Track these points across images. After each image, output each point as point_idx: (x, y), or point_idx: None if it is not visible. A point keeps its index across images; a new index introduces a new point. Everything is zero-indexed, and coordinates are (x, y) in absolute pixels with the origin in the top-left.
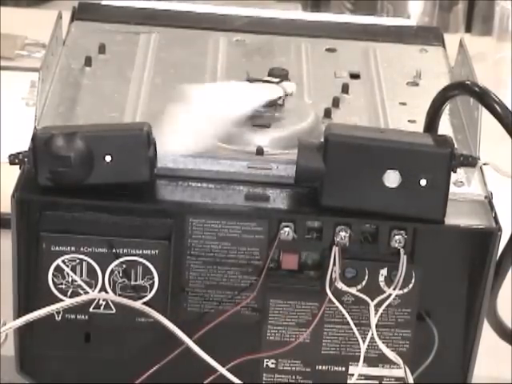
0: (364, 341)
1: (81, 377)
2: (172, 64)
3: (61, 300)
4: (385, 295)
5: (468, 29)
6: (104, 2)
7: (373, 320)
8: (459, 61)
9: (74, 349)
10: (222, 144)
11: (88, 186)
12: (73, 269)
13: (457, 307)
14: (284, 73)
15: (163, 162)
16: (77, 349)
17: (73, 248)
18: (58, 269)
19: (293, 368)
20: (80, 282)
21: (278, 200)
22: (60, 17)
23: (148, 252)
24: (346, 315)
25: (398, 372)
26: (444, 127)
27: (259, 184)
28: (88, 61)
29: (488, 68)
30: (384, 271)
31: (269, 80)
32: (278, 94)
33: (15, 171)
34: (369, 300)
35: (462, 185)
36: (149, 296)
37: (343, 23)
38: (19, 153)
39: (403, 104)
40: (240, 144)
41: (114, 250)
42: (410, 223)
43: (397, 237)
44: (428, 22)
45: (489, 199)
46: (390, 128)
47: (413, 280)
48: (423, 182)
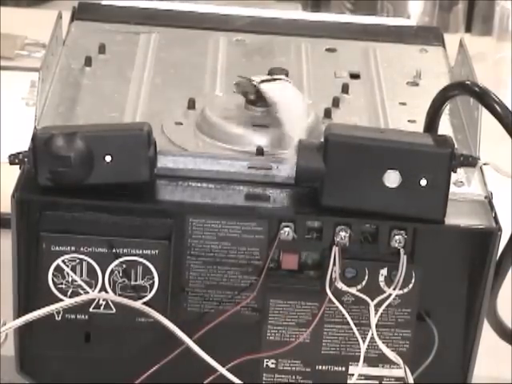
0: (364, 341)
1: (81, 377)
2: (172, 64)
3: (61, 300)
4: (385, 295)
5: (468, 29)
6: (104, 2)
7: (373, 320)
8: (459, 61)
9: (74, 349)
10: (222, 144)
11: (88, 186)
12: (73, 269)
13: (457, 307)
14: (284, 73)
15: (163, 162)
16: (77, 349)
17: (73, 248)
18: (58, 269)
19: (293, 368)
20: (80, 282)
21: (278, 200)
22: (60, 17)
23: (148, 252)
24: (346, 315)
25: (398, 372)
26: (444, 127)
27: (259, 184)
28: (88, 61)
29: (488, 68)
30: (384, 271)
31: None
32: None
33: (15, 171)
34: (369, 300)
35: (462, 185)
36: (149, 296)
37: (343, 23)
38: (19, 153)
39: (403, 104)
40: (240, 144)
41: (114, 250)
42: (410, 223)
43: (397, 237)
44: (428, 22)
45: (489, 199)
46: (390, 128)
47: (413, 280)
48: (423, 182)
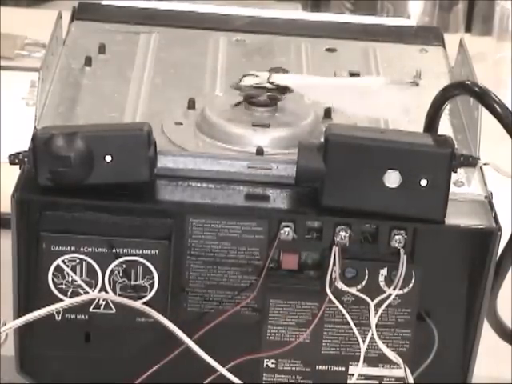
0: (364, 341)
1: (81, 377)
2: (172, 64)
3: (61, 300)
4: (385, 295)
5: (468, 29)
6: (104, 2)
7: (373, 320)
8: (459, 61)
9: (74, 349)
10: (222, 144)
11: (88, 186)
12: (73, 269)
13: (457, 307)
14: (284, 73)
15: (163, 162)
16: (77, 349)
17: (73, 248)
18: (58, 269)
19: (293, 368)
20: (80, 282)
21: (278, 200)
22: (60, 17)
23: (148, 252)
24: (346, 315)
25: (398, 372)
26: (444, 127)
27: (259, 184)
28: (88, 61)
29: (488, 68)
30: (384, 271)
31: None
32: None
33: (15, 171)
34: (369, 300)
35: (462, 185)
36: (149, 296)
37: (343, 23)
38: (19, 153)
39: None
40: (240, 144)
41: (114, 250)
42: (410, 223)
43: (397, 237)
44: (428, 22)
45: (489, 199)
46: (390, 128)
47: (413, 280)
48: (423, 182)
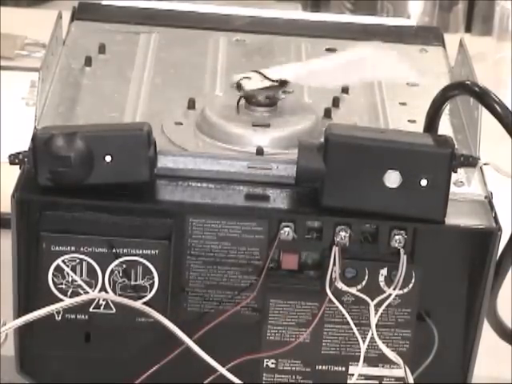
0: (364, 341)
1: (81, 377)
2: (172, 64)
3: (61, 300)
4: (385, 295)
5: (468, 29)
6: (104, 2)
7: (373, 320)
8: (459, 61)
9: (74, 349)
10: (222, 144)
11: (88, 186)
12: (73, 269)
13: (457, 307)
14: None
15: (163, 162)
16: (77, 349)
17: (73, 248)
18: (58, 269)
19: (293, 368)
20: (80, 282)
21: (278, 200)
22: (60, 17)
23: (148, 252)
24: (346, 315)
25: (398, 372)
26: (444, 127)
27: (259, 184)
28: (88, 61)
29: (488, 68)
30: (384, 271)
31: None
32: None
33: (15, 171)
34: (369, 300)
35: (462, 185)
36: (149, 296)
37: (343, 23)
38: (19, 153)
39: (403, 104)
40: (240, 144)
41: (114, 250)
42: (410, 223)
43: (397, 237)
44: (428, 22)
45: (489, 199)
46: (391, 128)
47: (413, 280)
48: (424, 182)
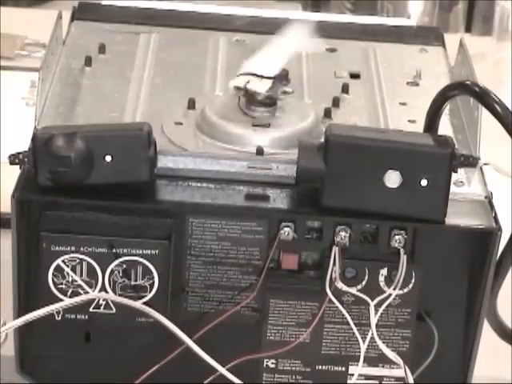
0: (364, 341)
1: (81, 377)
2: (172, 64)
3: (61, 300)
4: (385, 295)
5: (468, 29)
6: (104, 2)
7: (373, 320)
8: (459, 61)
9: (74, 349)
10: (222, 144)
11: (88, 186)
12: (73, 269)
13: (457, 307)
14: (284, 73)
15: (163, 162)
16: (77, 349)
17: (73, 248)
18: (58, 269)
19: (293, 368)
20: (80, 282)
21: (278, 200)
22: (60, 17)
23: (148, 252)
24: (346, 315)
25: (398, 372)
26: (444, 127)
27: (259, 184)
28: (88, 61)
29: (488, 68)
30: (384, 271)
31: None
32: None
33: (15, 171)
34: (369, 300)
35: (463, 185)
36: (149, 296)
37: (343, 23)
38: (19, 153)
39: (403, 104)
40: (240, 144)
41: (114, 250)
42: (410, 223)
43: (397, 237)
44: (428, 22)
45: (489, 199)
46: (391, 128)
47: (413, 280)
48: (424, 182)
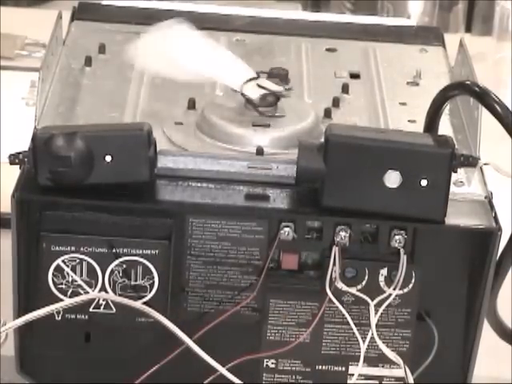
0: (364, 341)
1: (81, 377)
2: None
3: (61, 300)
4: (385, 295)
5: (468, 29)
6: (104, 2)
7: (373, 320)
8: (459, 61)
9: (74, 349)
10: (222, 144)
11: (88, 186)
12: (73, 269)
13: (457, 307)
14: (284, 73)
15: (163, 162)
16: (77, 349)
17: (73, 248)
18: (58, 269)
19: (293, 368)
20: (80, 282)
21: (278, 200)
22: (60, 17)
23: (148, 252)
24: (346, 315)
25: (398, 372)
26: (444, 127)
27: (259, 184)
28: (88, 61)
29: (488, 68)
30: (384, 271)
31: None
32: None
33: (15, 171)
34: (369, 300)
35: (462, 185)
36: (149, 296)
37: (343, 23)
38: (19, 153)
39: (403, 104)
40: (240, 144)
41: (114, 250)
42: (410, 223)
43: (397, 237)
44: (428, 22)
45: (489, 199)
46: (391, 128)
47: (413, 280)
48: (424, 183)
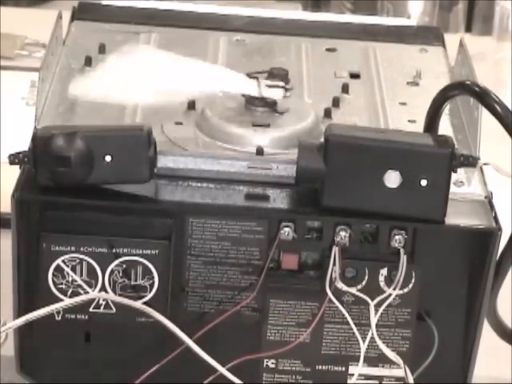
0: (364, 341)
1: (81, 377)
2: None
3: (61, 300)
4: (385, 295)
5: (468, 29)
6: (104, 2)
7: (373, 320)
8: (459, 61)
9: (74, 349)
10: (222, 144)
11: (88, 186)
12: (73, 269)
13: (457, 307)
14: (284, 73)
15: (163, 162)
16: (77, 349)
17: (73, 248)
18: (58, 269)
19: (293, 368)
20: (80, 282)
21: (278, 200)
22: (60, 17)
23: (148, 252)
24: (346, 315)
25: (398, 372)
26: (444, 127)
27: (259, 184)
28: (88, 61)
29: (488, 68)
30: (384, 271)
31: (258, 78)
32: (250, 91)
33: (15, 171)
34: (369, 300)
35: (462, 185)
36: (149, 296)
37: (343, 23)
38: (19, 153)
39: (403, 104)
40: (240, 144)
41: (114, 250)
42: (410, 223)
43: (397, 237)
44: (428, 22)
45: (489, 199)
46: (391, 128)
47: (413, 280)
48: (424, 182)
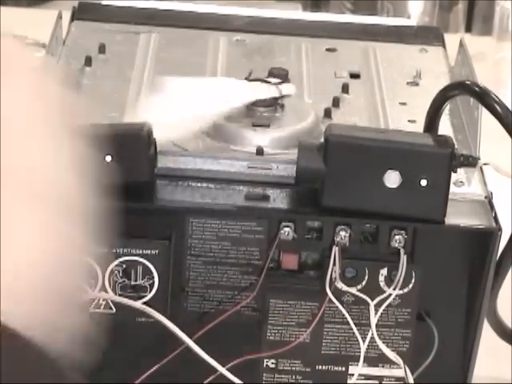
0: (364, 341)
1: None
2: (172, 64)
3: None
4: (385, 295)
5: (468, 29)
6: (104, 2)
7: (373, 320)
8: (459, 61)
9: None
10: (222, 144)
11: None
12: None
13: (457, 307)
14: (284, 73)
15: (163, 162)
16: None
17: None
18: None
19: (293, 368)
20: None
21: (278, 200)
22: (60, 17)
23: (148, 252)
24: (346, 315)
25: (398, 372)
26: (444, 127)
27: (259, 184)
28: (88, 61)
29: (488, 68)
30: (384, 271)
31: (268, 80)
32: (271, 94)
33: None
34: (369, 300)
35: (462, 185)
36: (149, 296)
37: (343, 23)
38: None
39: (403, 104)
40: (240, 144)
41: (114, 250)
42: (410, 223)
43: (397, 237)
44: (428, 22)
45: (489, 199)
46: (391, 128)
47: (413, 280)
48: (423, 182)
